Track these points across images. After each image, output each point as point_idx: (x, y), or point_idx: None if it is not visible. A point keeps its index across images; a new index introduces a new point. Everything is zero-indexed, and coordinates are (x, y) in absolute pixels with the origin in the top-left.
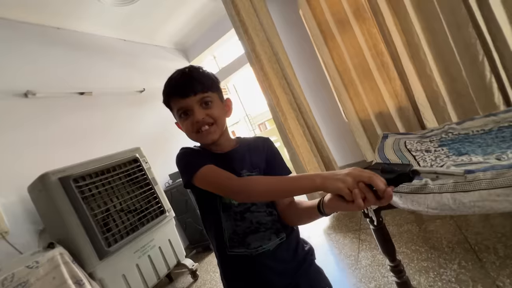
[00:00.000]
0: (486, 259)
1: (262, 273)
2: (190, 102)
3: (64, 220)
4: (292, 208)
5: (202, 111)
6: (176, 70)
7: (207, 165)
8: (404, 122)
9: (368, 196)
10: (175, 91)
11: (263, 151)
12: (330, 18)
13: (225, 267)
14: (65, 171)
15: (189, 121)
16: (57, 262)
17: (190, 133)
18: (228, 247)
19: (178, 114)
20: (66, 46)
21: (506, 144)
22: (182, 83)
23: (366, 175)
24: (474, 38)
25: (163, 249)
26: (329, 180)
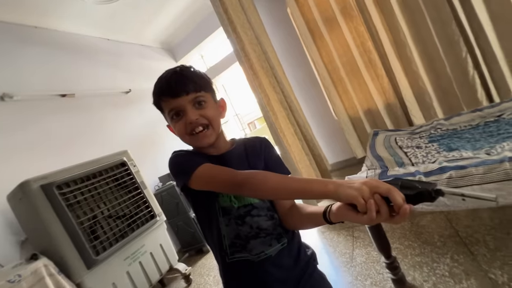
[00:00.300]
0: (477, 252)
1: (264, 281)
2: (182, 102)
3: (48, 229)
4: (293, 212)
5: (195, 111)
6: (166, 70)
7: (204, 164)
8: (392, 119)
9: (382, 210)
10: (166, 91)
11: (260, 152)
12: (318, 16)
13: (227, 275)
14: (48, 178)
15: (182, 122)
16: (41, 275)
17: (183, 135)
18: (228, 254)
19: (169, 116)
20: (46, 46)
21: (494, 139)
22: (173, 82)
23: (384, 187)
24: (457, 36)
25: (155, 255)
26: (342, 188)
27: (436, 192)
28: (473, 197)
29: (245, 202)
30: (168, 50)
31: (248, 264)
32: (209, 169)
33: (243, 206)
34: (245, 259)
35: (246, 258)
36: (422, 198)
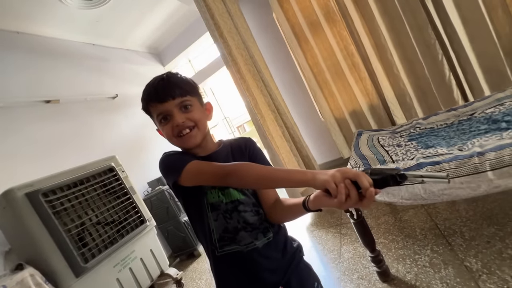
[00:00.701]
0: (454, 243)
1: (253, 269)
2: (169, 107)
3: (34, 238)
4: (277, 207)
5: (182, 114)
6: (154, 77)
7: (193, 161)
8: (376, 119)
9: (352, 194)
10: (154, 96)
11: (245, 151)
12: (302, 21)
13: (217, 268)
14: (33, 186)
15: (169, 125)
16: (27, 284)
17: (171, 137)
18: (217, 248)
19: (158, 120)
20: (28, 52)
21: (466, 136)
22: (160, 88)
23: (352, 172)
24: (433, 39)
25: (145, 260)
26: (318, 175)
27: (400, 176)
28: (429, 177)
29: (232, 198)
30: (155, 55)
31: (237, 256)
32: (197, 165)
33: (230, 202)
34: (234, 251)
35: (236, 250)
36: (388, 182)
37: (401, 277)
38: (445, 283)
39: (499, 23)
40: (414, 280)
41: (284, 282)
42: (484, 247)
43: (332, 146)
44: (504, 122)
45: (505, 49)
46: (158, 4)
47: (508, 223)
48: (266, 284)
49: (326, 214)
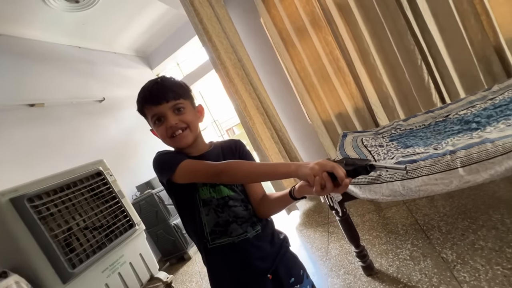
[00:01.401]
0: (432, 236)
1: (245, 258)
2: (163, 109)
3: (19, 245)
4: (264, 201)
5: (175, 116)
6: (149, 80)
7: (186, 159)
8: (361, 121)
9: (327, 185)
10: (149, 99)
11: (235, 152)
12: (289, 26)
13: (210, 260)
14: (18, 191)
15: (163, 126)
16: None
17: (165, 138)
18: (209, 240)
19: (152, 121)
20: (11, 54)
21: (441, 136)
22: (154, 91)
23: (330, 165)
24: (412, 45)
25: (135, 265)
26: (301, 168)
27: (370, 167)
28: (392, 168)
29: (223, 195)
30: (143, 58)
31: (229, 247)
32: (191, 163)
33: (221, 198)
34: (225, 243)
35: (227, 242)
36: (360, 172)
37: (384, 270)
38: (423, 274)
39: (472, 30)
40: (396, 273)
41: (272, 270)
42: (459, 239)
43: (319, 147)
44: (474, 123)
45: (478, 55)
46: (145, 8)
47: (480, 217)
48: (256, 271)
49: (314, 213)
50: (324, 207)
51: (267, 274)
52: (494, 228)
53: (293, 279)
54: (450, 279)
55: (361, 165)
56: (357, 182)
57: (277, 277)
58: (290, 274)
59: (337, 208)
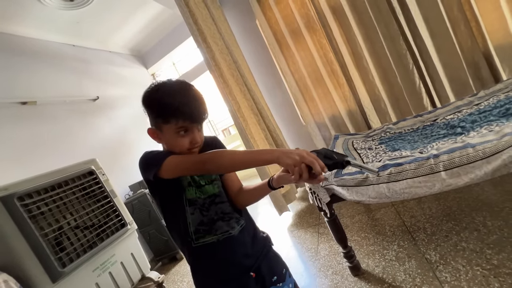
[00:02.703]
0: (418, 238)
1: (229, 256)
2: (195, 126)
3: (8, 243)
4: (242, 193)
5: (199, 134)
6: (181, 84)
7: (172, 155)
8: (354, 124)
9: (304, 175)
10: (191, 114)
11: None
12: (284, 29)
13: (194, 260)
14: (8, 189)
15: (187, 139)
16: None
17: (182, 148)
18: (193, 239)
19: (177, 130)
20: (4, 52)
21: (427, 140)
22: (196, 110)
23: (309, 159)
24: (404, 50)
25: (126, 264)
26: (284, 156)
27: (346, 163)
28: (366, 168)
29: (209, 193)
30: (138, 57)
31: (213, 245)
32: (176, 157)
33: (208, 197)
34: (209, 242)
35: (211, 241)
36: (337, 166)
37: (371, 270)
38: (408, 274)
39: (462, 37)
40: (382, 273)
41: (255, 268)
42: (442, 240)
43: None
44: (459, 128)
45: (467, 60)
46: (141, 7)
47: (463, 219)
48: (239, 268)
49: (306, 215)
50: (316, 208)
51: (250, 271)
52: (476, 230)
53: (276, 277)
54: (432, 279)
55: (338, 161)
56: (345, 184)
57: (260, 275)
58: (272, 273)
59: (325, 209)
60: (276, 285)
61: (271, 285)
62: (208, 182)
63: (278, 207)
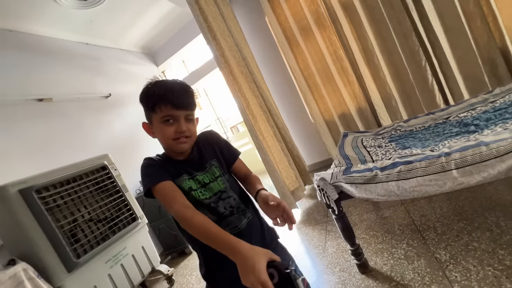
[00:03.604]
0: (428, 237)
1: None
2: (180, 114)
3: (27, 234)
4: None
5: (186, 124)
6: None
7: (166, 181)
8: (363, 122)
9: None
10: (173, 100)
11: (212, 143)
12: (294, 26)
13: (205, 257)
14: (26, 182)
15: (173, 128)
16: (20, 279)
17: (168, 138)
18: None
19: (163, 119)
20: (21, 50)
21: (439, 138)
22: (181, 95)
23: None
24: (417, 46)
25: (137, 257)
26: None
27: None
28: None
29: (215, 191)
30: (149, 55)
31: None
32: (165, 190)
33: (214, 195)
34: None
35: None
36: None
37: (379, 268)
38: (416, 273)
39: (478, 32)
40: (390, 271)
41: None
42: (453, 240)
43: (321, 147)
44: (473, 126)
45: (483, 57)
46: (152, 6)
47: (475, 219)
48: None
49: (314, 212)
50: (324, 206)
51: None
52: (489, 230)
53: None
54: (441, 279)
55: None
56: (353, 182)
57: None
58: None
59: (333, 206)
60: None
61: None
62: (213, 179)
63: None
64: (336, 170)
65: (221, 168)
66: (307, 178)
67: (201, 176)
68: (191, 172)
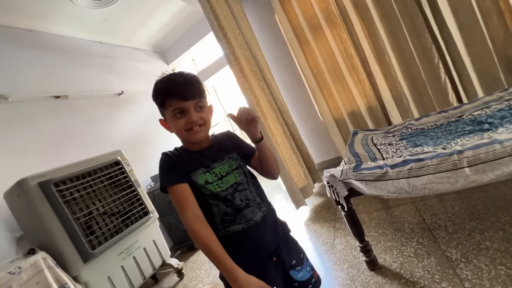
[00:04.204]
0: (438, 236)
1: (254, 242)
2: (188, 105)
3: (45, 225)
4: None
5: (196, 113)
6: (173, 72)
7: (180, 184)
8: (373, 120)
9: None
10: (177, 92)
11: (231, 140)
12: (304, 23)
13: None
14: (45, 176)
15: (184, 120)
16: (40, 267)
17: (181, 130)
18: (220, 229)
19: (173, 113)
20: (40, 49)
21: (451, 136)
22: (185, 87)
23: None
24: (430, 43)
25: (148, 250)
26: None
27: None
28: None
29: (231, 183)
30: (159, 53)
31: (238, 234)
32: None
33: (230, 187)
34: (235, 231)
35: (236, 230)
36: None
37: (388, 266)
38: (426, 270)
39: (494, 29)
40: (399, 268)
41: (277, 253)
42: (464, 239)
43: (330, 145)
44: (487, 124)
45: (499, 54)
46: (163, 4)
47: (488, 218)
48: (264, 253)
49: (322, 210)
50: (332, 204)
51: (272, 256)
52: (502, 230)
53: (294, 261)
54: (452, 277)
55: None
56: (363, 179)
57: (280, 259)
58: (291, 257)
59: (342, 203)
60: (295, 268)
61: (290, 269)
62: (229, 171)
63: (295, 201)
64: (346, 167)
65: (241, 161)
66: (316, 176)
67: (218, 168)
68: (208, 163)
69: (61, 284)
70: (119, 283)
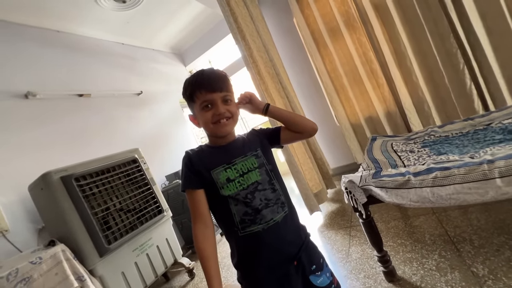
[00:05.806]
0: (463, 249)
1: (275, 243)
2: (215, 97)
3: (66, 218)
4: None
5: (224, 106)
6: (202, 68)
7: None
8: (392, 126)
9: None
10: (205, 85)
11: (257, 134)
12: (322, 27)
13: (240, 247)
14: (67, 170)
15: (211, 112)
16: (59, 259)
17: (208, 123)
18: (240, 229)
19: (201, 106)
20: (66, 49)
21: (479, 145)
22: (213, 79)
23: None
24: (455, 48)
25: (161, 248)
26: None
27: None
28: None
29: (252, 181)
30: (177, 55)
31: (259, 234)
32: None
33: (251, 184)
34: (255, 231)
35: (256, 230)
36: None
37: (407, 278)
38: (450, 286)
39: None
40: (420, 281)
41: (298, 257)
42: (492, 254)
43: (346, 151)
44: None
45: None
46: (183, 7)
47: None
48: (285, 256)
49: (337, 216)
50: (347, 211)
51: (294, 260)
52: None
53: (314, 266)
54: None
55: None
56: (384, 186)
57: (301, 263)
58: (311, 262)
59: (361, 210)
60: (315, 273)
61: (310, 274)
62: (251, 169)
63: (309, 207)
64: (365, 173)
65: (264, 159)
66: (329, 181)
67: (240, 164)
68: (230, 159)
69: (78, 277)
70: (132, 279)
